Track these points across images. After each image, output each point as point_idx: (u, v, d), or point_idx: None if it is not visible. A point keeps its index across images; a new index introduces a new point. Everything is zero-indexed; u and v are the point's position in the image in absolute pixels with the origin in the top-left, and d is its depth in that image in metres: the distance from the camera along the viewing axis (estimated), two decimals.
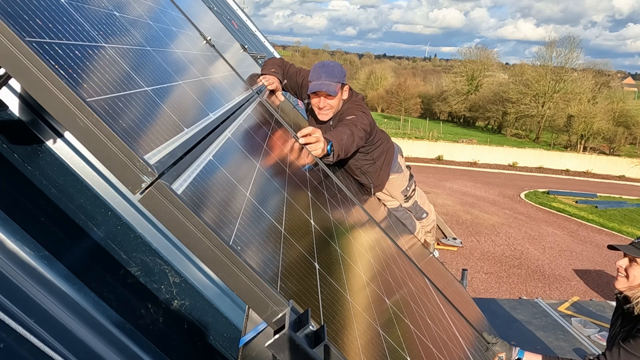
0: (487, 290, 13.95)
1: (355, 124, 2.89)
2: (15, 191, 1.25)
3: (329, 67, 3.00)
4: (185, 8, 2.60)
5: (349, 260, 1.45)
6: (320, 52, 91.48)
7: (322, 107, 3.01)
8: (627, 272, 2.30)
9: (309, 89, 3.00)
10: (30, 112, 1.45)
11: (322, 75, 2.95)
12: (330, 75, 2.95)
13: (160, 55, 1.33)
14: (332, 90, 2.92)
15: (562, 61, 53.66)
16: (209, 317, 1.48)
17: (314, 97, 3.02)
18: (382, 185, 3.53)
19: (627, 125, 48.55)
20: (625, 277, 2.30)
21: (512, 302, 7.43)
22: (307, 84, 3.15)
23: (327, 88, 2.91)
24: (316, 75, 2.97)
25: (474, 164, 36.29)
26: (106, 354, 1.08)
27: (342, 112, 3.08)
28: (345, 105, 3.11)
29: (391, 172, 3.53)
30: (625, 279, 2.30)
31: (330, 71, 2.97)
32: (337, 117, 3.08)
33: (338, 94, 2.98)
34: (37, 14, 0.75)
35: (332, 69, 2.98)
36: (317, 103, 3.02)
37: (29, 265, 1.07)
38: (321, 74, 2.95)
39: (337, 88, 2.95)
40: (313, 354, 0.70)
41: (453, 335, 1.91)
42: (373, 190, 3.51)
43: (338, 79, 2.97)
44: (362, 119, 2.96)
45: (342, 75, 3.01)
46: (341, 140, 2.71)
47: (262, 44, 11.75)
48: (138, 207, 1.54)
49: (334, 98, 2.98)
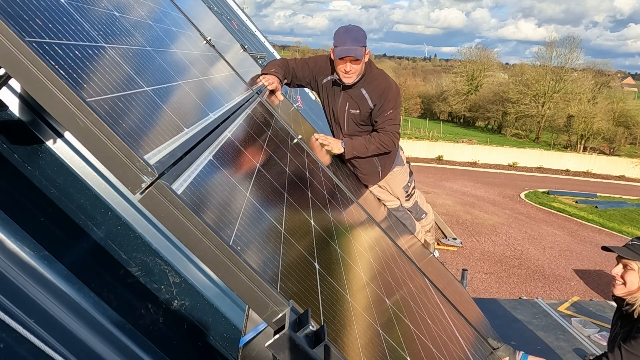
0: (487, 290, 13.95)
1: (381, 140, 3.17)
2: (15, 191, 1.25)
3: (353, 31, 3.05)
4: (186, 9, 2.60)
5: (349, 261, 1.45)
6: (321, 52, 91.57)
7: (348, 70, 3.08)
8: (623, 278, 2.28)
9: (335, 54, 3.03)
10: (30, 112, 1.45)
11: (348, 40, 3.00)
12: (355, 39, 3.01)
13: (160, 55, 1.33)
14: (359, 54, 3.00)
15: (562, 61, 53.66)
16: (209, 317, 1.48)
17: (339, 62, 3.08)
18: (387, 170, 3.56)
19: (627, 125, 48.54)
20: (622, 284, 2.28)
21: (512, 302, 7.42)
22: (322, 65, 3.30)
23: (355, 53, 2.98)
24: (341, 40, 3.01)
25: (474, 164, 36.28)
26: (106, 354, 1.08)
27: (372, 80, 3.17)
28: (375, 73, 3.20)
29: (395, 164, 3.57)
30: (622, 285, 2.28)
31: (355, 35, 3.02)
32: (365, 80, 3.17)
33: (363, 58, 3.07)
34: (37, 14, 0.75)
35: (356, 33, 3.04)
36: (344, 67, 3.08)
37: (29, 265, 1.07)
38: (347, 39, 3.01)
39: (363, 52, 3.03)
40: (313, 354, 0.70)
41: (453, 335, 1.91)
42: (380, 174, 3.53)
43: (362, 43, 3.03)
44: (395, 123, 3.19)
45: (365, 39, 3.08)
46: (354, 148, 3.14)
47: (262, 44, 11.76)
48: (138, 207, 1.54)
49: (360, 62, 3.06)
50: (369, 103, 3.17)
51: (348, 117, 3.28)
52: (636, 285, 2.23)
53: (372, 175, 3.54)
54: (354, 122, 3.28)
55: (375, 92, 3.15)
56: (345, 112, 3.27)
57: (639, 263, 2.22)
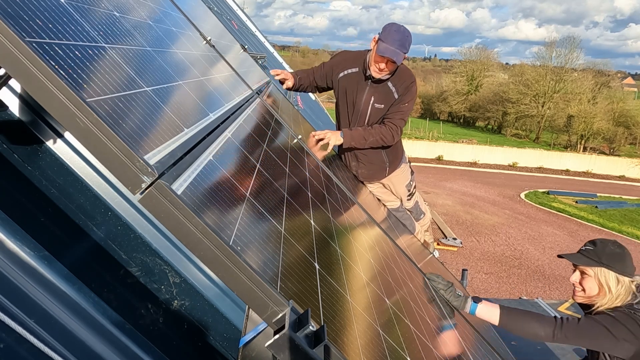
0: (487, 290, 13.94)
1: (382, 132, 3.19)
2: (15, 191, 1.25)
3: (403, 35, 3.08)
4: (186, 9, 2.60)
5: (349, 261, 1.45)
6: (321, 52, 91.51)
7: (382, 69, 3.14)
8: (582, 285, 2.23)
9: (378, 49, 3.05)
10: (30, 113, 1.45)
11: (397, 42, 3.03)
12: (402, 45, 3.05)
13: (160, 55, 1.33)
14: (399, 60, 3.05)
15: (562, 61, 53.66)
16: (209, 317, 1.48)
17: (378, 58, 3.10)
18: (395, 165, 3.57)
19: (627, 125, 48.52)
20: (582, 290, 2.23)
21: (512, 302, 7.41)
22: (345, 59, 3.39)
23: (397, 57, 3.03)
24: (391, 40, 3.04)
25: (474, 164, 36.27)
26: (106, 354, 1.08)
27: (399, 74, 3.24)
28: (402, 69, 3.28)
29: (401, 161, 3.60)
30: (582, 292, 2.24)
31: (403, 41, 3.06)
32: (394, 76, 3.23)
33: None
34: (37, 15, 0.75)
35: (405, 39, 3.08)
36: (379, 64, 3.12)
37: (29, 265, 1.07)
38: (396, 41, 3.04)
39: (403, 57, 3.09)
40: (313, 354, 0.70)
41: (453, 335, 1.91)
42: (387, 171, 3.53)
43: (406, 49, 3.09)
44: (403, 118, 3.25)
45: (409, 46, 3.14)
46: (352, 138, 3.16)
47: (262, 44, 11.76)
48: (138, 207, 1.54)
49: (396, 65, 3.12)
50: (395, 96, 3.23)
51: (372, 110, 3.30)
52: (595, 290, 2.18)
53: (378, 172, 3.55)
54: (378, 116, 3.31)
55: (402, 85, 3.22)
56: (370, 105, 3.30)
57: (594, 269, 2.16)
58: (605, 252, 2.16)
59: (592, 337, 2.09)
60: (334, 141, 3.16)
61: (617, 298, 2.13)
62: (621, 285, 2.13)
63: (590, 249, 2.22)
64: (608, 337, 2.05)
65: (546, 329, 2.12)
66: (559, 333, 2.11)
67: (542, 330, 2.12)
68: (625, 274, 2.14)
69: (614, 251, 2.18)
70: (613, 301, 2.14)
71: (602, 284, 2.15)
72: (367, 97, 3.28)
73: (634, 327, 2.04)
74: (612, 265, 2.14)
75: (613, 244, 2.22)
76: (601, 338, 2.07)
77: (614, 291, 2.13)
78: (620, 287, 2.13)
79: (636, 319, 2.05)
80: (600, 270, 2.15)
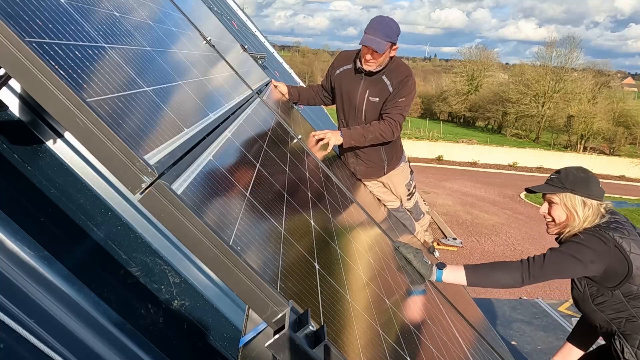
0: (487, 290, 13.94)
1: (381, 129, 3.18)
2: (15, 191, 1.25)
3: (385, 25, 3.08)
4: (187, 9, 2.60)
5: (348, 261, 1.45)
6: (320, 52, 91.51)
7: (368, 59, 3.14)
8: (551, 215, 2.23)
9: (361, 40, 3.09)
10: (30, 113, 1.44)
11: (377, 32, 3.03)
12: (384, 33, 3.04)
13: (160, 55, 1.33)
14: (380, 49, 3.02)
15: (562, 61, 53.64)
16: (209, 317, 1.48)
17: (364, 48, 3.12)
18: (394, 164, 3.57)
19: (627, 125, 48.49)
20: (552, 221, 2.23)
21: (512, 302, 7.42)
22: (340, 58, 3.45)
23: (376, 46, 3.01)
24: (372, 30, 3.05)
25: (474, 164, 36.26)
26: (106, 355, 1.08)
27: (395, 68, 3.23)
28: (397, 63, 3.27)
29: (401, 160, 3.59)
30: (553, 223, 2.24)
31: (385, 29, 3.05)
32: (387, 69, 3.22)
33: (386, 52, 3.10)
34: (37, 15, 0.75)
35: (387, 28, 3.06)
36: (365, 54, 3.13)
37: (29, 265, 1.07)
38: (377, 30, 3.04)
39: (387, 47, 3.06)
40: (313, 354, 0.70)
41: (453, 335, 1.91)
42: (386, 169, 3.53)
43: (390, 38, 3.06)
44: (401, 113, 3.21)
45: (395, 36, 3.11)
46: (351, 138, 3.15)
47: (262, 44, 11.75)
48: (138, 207, 1.54)
49: (381, 55, 3.10)
50: (389, 89, 3.22)
51: (367, 104, 3.30)
52: (564, 216, 2.18)
53: (376, 169, 3.54)
54: (374, 110, 3.31)
55: (397, 78, 3.21)
56: (365, 100, 3.30)
57: (560, 195, 2.17)
58: (568, 178, 2.17)
59: (560, 269, 2.11)
60: (334, 141, 3.16)
61: (586, 221, 2.13)
62: (588, 208, 2.13)
63: (554, 177, 2.24)
64: (575, 264, 2.06)
65: (514, 275, 2.13)
66: (527, 276, 2.12)
67: (510, 278, 2.13)
68: (591, 196, 2.14)
69: (578, 175, 2.18)
70: (582, 225, 2.14)
71: (568, 208, 2.16)
72: (361, 90, 3.29)
73: (598, 245, 2.05)
74: (577, 189, 2.15)
75: (577, 170, 2.23)
76: (569, 267, 2.09)
77: (580, 215, 2.13)
78: (588, 210, 2.13)
79: (600, 235, 2.06)
80: (565, 196, 2.16)
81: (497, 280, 2.15)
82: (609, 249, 2.04)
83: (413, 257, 2.22)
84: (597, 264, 2.05)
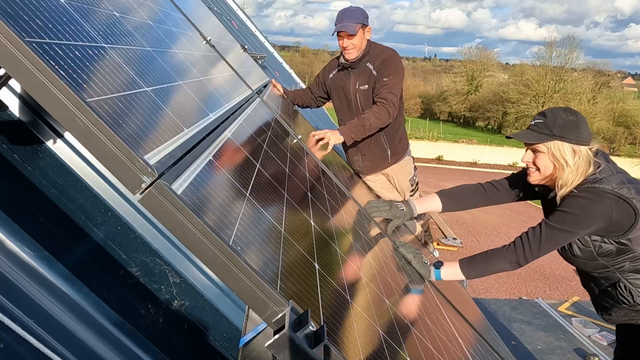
0: (487, 290, 13.94)
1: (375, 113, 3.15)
2: (15, 191, 1.25)
3: (349, 10, 3.22)
4: (187, 10, 2.60)
5: (348, 261, 1.45)
6: (320, 52, 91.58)
7: (345, 46, 3.22)
8: (536, 165, 2.01)
9: (333, 32, 3.21)
10: (30, 113, 1.45)
11: (344, 18, 3.17)
12: (350, 17, 3.16)
13: (160, 55, 1.33)
14: (351, 29, 3.13)
15: (562, 61, 53.64)
16: (209, 317, 1.48)
17: (339, 39, 3.24)
18: (398, 155, 3.58)
19: (627, 125, 48.50)
20: (536, 170, 2.02)
21: (512, 302, 7.43)
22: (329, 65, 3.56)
23: (347, 28, 3.12)
24: (338, 19, 3.19)
25: (474, 164, 36.27)
26: (106, 355, 1.08)
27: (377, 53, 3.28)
28: (380, 48, 3.32)
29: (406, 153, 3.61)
30: (537, 172, 2.03)
31: (350, 13, 3.18)
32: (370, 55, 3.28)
33: (359, 33, 3.18)
34: (37, 15, 0.75)
35: (352, 12, 3.20)
36: (341, 44, 3.24)
37: (29, 266, 1.07)
38: (343, 17, 3.17)
39: (357, 28, 3.16)
40: (313, 354, 0.70)
41: (453, 335, 1.91)
42: (390, 159, 3.53)
43: (357, 19, 3.16)
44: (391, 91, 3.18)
45: (362, 17, 3.20)
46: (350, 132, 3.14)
47: (262, 44, 11.76)
48: (138, 207, 1.54)
49: (355, 37, 3.18)
50: (374, 73, 3.27)
51: (359, 94, 3.34)
52: (551, 168, 1.96)
53: (380, 160, 3.54)
54: (366, 98, 3.33)
55: (378, 60, 3.26)
56: (356, 91, 3.34)
57: (547, 143, 1.94)
58: (556, 123, 1.93)
59: (556, 242, 2.00)
60: (334, 140, 3.16)
61: (578, 171, 1.93)
62: (578, 156, 1.93)
63: (540, 122, 1.98)
64: (574, 235, 1.95)
65: (511, 261, 2.03)
66: (523, 259, 2.02)
67: (507, 264, 2.04)
68: (581, 142, 1.93)
69: (567, 119, 1.95)
70: (575, 175, 1.93)
71: (557, 158, 1.94)
72: (352, 83, 3.35)
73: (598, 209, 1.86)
74: (567, 135, 1.92)
75: (564, 112, 1.99)
76: (568, 239, 1.97)
77: (571, 164, 1.92)
78: (578, 159, 1.92)
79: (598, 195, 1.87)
80: (554, 144, 1.93)
81: (494, 268, 2.08)
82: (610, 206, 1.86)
83: (413, 257, 2.21)
84: (595, 226, 1.90)
